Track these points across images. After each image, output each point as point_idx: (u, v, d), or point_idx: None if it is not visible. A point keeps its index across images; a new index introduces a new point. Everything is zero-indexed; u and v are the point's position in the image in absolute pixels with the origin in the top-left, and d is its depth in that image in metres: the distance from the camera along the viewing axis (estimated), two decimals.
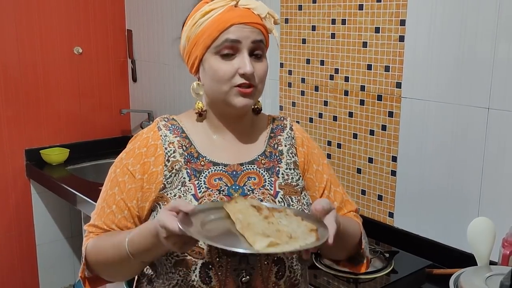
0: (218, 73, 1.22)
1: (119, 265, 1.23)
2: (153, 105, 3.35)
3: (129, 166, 1.25)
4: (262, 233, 1.02)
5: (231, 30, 1.21)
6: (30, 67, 3.12)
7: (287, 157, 1.31)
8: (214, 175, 1.24)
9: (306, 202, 1.28)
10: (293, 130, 1.36)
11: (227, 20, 1.21)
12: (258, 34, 1.23)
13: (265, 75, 1.25)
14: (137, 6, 3.34)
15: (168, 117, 1.32)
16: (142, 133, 1.30)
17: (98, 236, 1.26)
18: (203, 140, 1.29)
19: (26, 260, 3.25)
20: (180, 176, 1.23)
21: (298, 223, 1.09)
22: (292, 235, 1.03)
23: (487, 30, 1.66)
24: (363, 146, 2.09)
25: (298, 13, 2.27)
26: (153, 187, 1.23)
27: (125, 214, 1.24)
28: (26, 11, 3.06)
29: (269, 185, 1.25)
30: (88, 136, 3.36)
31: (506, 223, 1.60)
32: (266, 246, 0.98)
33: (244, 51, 1.21)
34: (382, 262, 1.84)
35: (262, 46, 1.24)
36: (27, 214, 3.22)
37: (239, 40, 1.21)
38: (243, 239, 1.03)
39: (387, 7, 1.93)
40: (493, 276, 1.37)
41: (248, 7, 1.24)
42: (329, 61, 2.18)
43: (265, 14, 1.25)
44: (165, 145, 1.25)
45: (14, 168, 3.15)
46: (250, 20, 1.23)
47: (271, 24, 1.27)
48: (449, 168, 1.82)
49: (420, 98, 1.87)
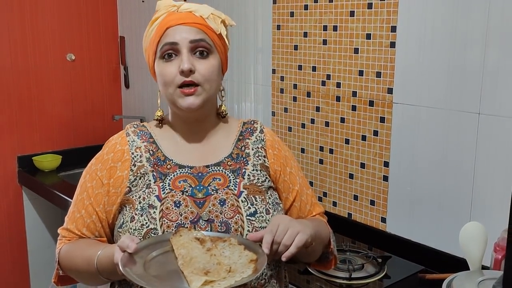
0: (162, 75, 1.26)
1: (89, 278, 1.29)
2: (146, 111, 3.35)
3: (97, 172, 1.30)
4: (202, 268, 1.07)
5: (168, 33, 1.26)
6: (22, 74, 3.11)
7: (254, 159, 1.34)
8: (179, 177, 1.28)
9: (272, 202, 1.30)
10: (263, 133, 1.39)
11: (165, 24, 1.26)
12: (197, 33, 1.26)
13: (210, 74, 1.26)
14: (129, 13, 3.35)
15: (138, 124, 1.38)
16: (112, 139, 1.35)
17: (71, 244, 1.31)
18: (170, 144, 1.33)
19: (17, 266, 3.24)
20: (145, 179, 1.27)
21: (240, 253, 1.13)
22: (232, 268, 1.08)
23: (477, 37, 1.68)
24: (355, 152, 2.10)
25: (290, 19, 2.29)
26: (118, 191, 1.28)
27: (93, 218, 1.30)
28: (19, 18, 3.05)
29: (234, 185, 1.28)
30: (80, 143, 3.37)
31: (498, 227, 1.61)
32: (201, 285, 1.02)
33: (183, 51, 1.24)
34: (374, 267, 1.85)
35: (204, 44, 1.26)
36: (19, 220, 3.20)
37: (175, 42, 1.25)
38: (184, 276, 1.07)
39: (378, 14, 1.94)
40: (486, 280, 1.37)
41: (189, 10, 1.28)
42: (321, 67, 2.19)
43: (208, 14, 1.28)
44: (131, 150, 1.30)
45: (6, 174, 3.13)
46: (188, 21, 1.26)
47: (216, 25, 1.28)
48: (440, 173, 1.83)
49: (412, 103, 1.88)
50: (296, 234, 1.12)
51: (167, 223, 1.21)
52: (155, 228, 1.21)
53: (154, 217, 1.22)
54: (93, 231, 1.30)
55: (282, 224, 1.13)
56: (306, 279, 1.81)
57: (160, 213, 1.22)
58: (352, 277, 1.77)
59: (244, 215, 1.24)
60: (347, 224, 2.13)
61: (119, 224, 1.27)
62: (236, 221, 1.23)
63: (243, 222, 1.23)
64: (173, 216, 1.22)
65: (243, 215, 1.24)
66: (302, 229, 1.13)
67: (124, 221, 1.25)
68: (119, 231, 1.27)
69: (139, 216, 1.23)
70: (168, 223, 1.21)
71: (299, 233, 1.12)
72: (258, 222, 1.23)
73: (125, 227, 1.24)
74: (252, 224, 1.23)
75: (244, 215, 1.24)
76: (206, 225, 1.22)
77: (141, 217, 1.22)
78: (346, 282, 1.76)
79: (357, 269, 1.82)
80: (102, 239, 1.31)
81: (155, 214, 1.22)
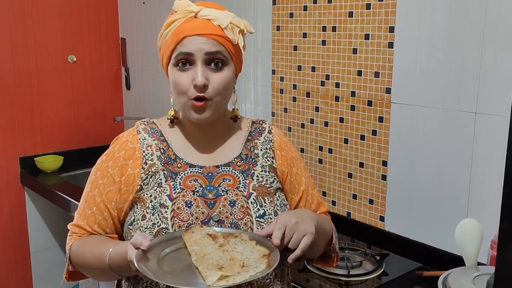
0: (176, 84, 1.26)
1: (100, 274, 1.30)
2: (147, 113, 3.37)
3: (109, 169, 1.30)
4: (216, 264, 1.08)
5: (185, 43, 1.23)
6: (24, 76, 3.14)
7: (262, 160, 1.34)
8: (189, 176, 1.28)
9: (280, 203, 1.31)
10: (271, 133, 1.39)
11: (182, 32, 1.23)
12: (213, 45, 1.23)
13: (223, 87, 1.25)
14: (130, 15, 3.37)
15: (148, 121, 1.37)
16: (122, 136, 1.35)
17: (82, 240, 1.31)
18: (180, 143, 1.33)
19: (20, 267, 3.25)
20: (156, 178, 1.27)
21: (252, 248, 1.14)
22: (245, 263, 1.10)
23: (474, 37, 1.70)
24: (354, 151, 2.12)
25: (289, 20, 2.31)
26: (130, 188, 1.28)
27: (105, 215, 1.30)
28: (20, 20, 3.08)
29: (243, 187, 1.29)
30: (82, 144, 3.39)
31: (495, 225, 1.61)
32: (217, 280, 1.04)
33: (198, 63, 1.23)
34: (373, 264, 1.87)
35: (219, 56, 1.24)
36: (21, 221, 3.22)
37: (191, 53, 1.22)
38: (198, 272, 1.08)
39: (376, 15, 1.96)
40: (481, 276, 1.39)
41: (208, 18, 1.24)
42: (320, 67, 2.21)
43: (226, 24, 1.24)
44: (143, 148, 1.30)
45: (9, 175, 3.16)
46: (206, 31, 1.23)
47: (234, 35, 1.26)
48: (438, 172, 1.85)
49: (410, 103, 1.90)
50: (302, 237, 1.14)
51: (178, 223, 1.22)
52: (167, 228, 1.21)
53: (166, 217, 1.22)
54: (104, 228, 1.30)
55: (289, 227, 1.14)
56: (305, 277, 1.83)
57: (172, 213, 1.23)
58: (350, 274, 1.79)
59: (254, 217, 1.25)
60: (346, 222, 2.15)
61: (129, 221, 1.28)
62: (245, 222, 1.24)
63: (252, 223, 1.25)
64: (184, 216, 1.23)
65: (253, 216, 1.25)
66: (307, 230, 1.15)
67: (135, 218, 1.26)
68: (129, 228, 1.27)
69: (150, 215, 1.23)
70: (179, 223, 1.22)
71: (305, 235, 1.14)
72: (266, 224, 1.25)
73: (136, 225, 1.24)
74: (261, 225, 1.25)
75: (254, 217, 1.25)
76: (216, 225, 1.23)
77: (153, 216, 1.23)
78: (345, 279, 1.78)
79: (355, 266, 1.84)
80: (113, 236, 1.32)
81: (166, 214, 1.23)
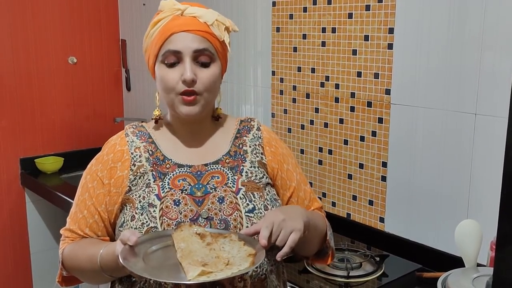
0: (164, 81, 1.27)
1: (93, 277, 1.31)
2: (147, 114, 3.36)
3: (98, 172, 1.32)
4: (200, 261, 1.09)
5: (172, 40, 1.25)
6: (24, 77, 3.14)
7: (251, 156, 1.35)
8: (178, 176, 1.29)
9: (270, 198, 1.32)
10: (260, 130, 1.40)
11: (169, 29, 1.25)
12: (201, 42, 1.25)
13: (211, 83, 1.26)
14: (130, 16, 3.38)
15: (137, 124, 1.39)
16: (111, 140, 1.37)
17: (74, 244, 1.32)
18: (169, 144, 1.35)
19: (20, 268, 3.26)
20: (145, 178, 1.29)
21: (239, 248, 1.15)
22: (230, 261, 1.10)
23: (473, 38, 1.70)
24: (354, 152, 2.12)
25: (289, 22, 2.31)
26: (119, 190, 1.29)
27: (95, 218, 1.31)
28: (21, 22, 3.08)
29: (232, 183, 1.30)
30: (82, 145, 3.39)
31: (494, 226, 1.61)
32: (197, 275, 1.04)
33: (186, 59, 1.24)
34: (372, 265, 1.87)
35: (207, 53, 1.26)
36: (22, 222, 3.22)
37: (179, 50, 1.24)
38: (182, 268, 1.09)
39: (376, 16, 1.96)
40: (480, 277, 1.39)
41: (194, 15, 1.26)
42: (319, 68, 2.21)
43: (213, 21, 1.27)
44: (131, 150, 1.32)
45: (9, 176, 3.16)
46: (192, 27, 1.25)
47: (220, 32, 1.28)
48: (438, 173, 1.85)
49: (409, 104, 1.91)
50: (289, 234, 1.14)
51: (167, 221, 1.23)
52: (155, 227, 1.23)
53: (154, 216, 1.23)
54: (96, 231, 1.32)
55: (276, 224, 1.14)
56: (305, 278, 1.83)
57: (160, 212, 1.24)
58: (350, 276, 1.79)
59: (243, 212, 1.26)
60: (346, 224, 2.15)
61: (120, 223, 1.29)
62: (235, 218, 1.25)
63: (242, 218, 1.25)
64: (172, 215, 1.24)
65: (242, 212, 1.26)
66: (295, 226, 1.15)
67: (124, 220, 1.27)
68: (120, 230, 1.28)
69: (139, 215, 1.24)
70: (168, 221, 1.23)
71: (293, 232, 1.14)
72: (256, 218, 1.25)
73: (126, 226, 1.26)
74: (250, 220, 1.25)
75: (243, 212, 1.26)
76: (205, 222, 1.24)
77: (141, 215, 1.24)
78: (345, 280, 1.78)
79: (355, 268, 1.84)
80: (105, 239, 1.33)
81: (155, 213, 1.24)
